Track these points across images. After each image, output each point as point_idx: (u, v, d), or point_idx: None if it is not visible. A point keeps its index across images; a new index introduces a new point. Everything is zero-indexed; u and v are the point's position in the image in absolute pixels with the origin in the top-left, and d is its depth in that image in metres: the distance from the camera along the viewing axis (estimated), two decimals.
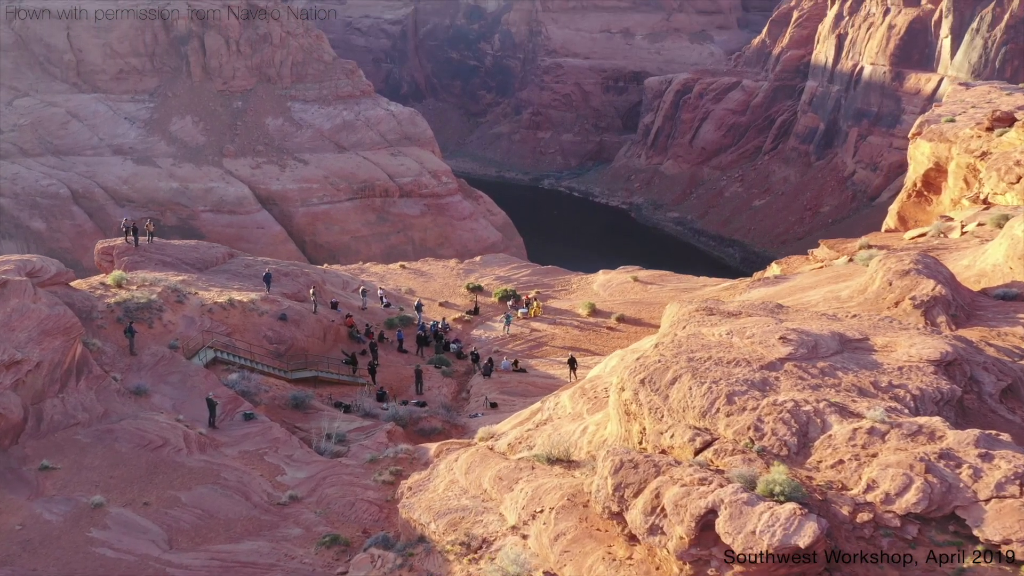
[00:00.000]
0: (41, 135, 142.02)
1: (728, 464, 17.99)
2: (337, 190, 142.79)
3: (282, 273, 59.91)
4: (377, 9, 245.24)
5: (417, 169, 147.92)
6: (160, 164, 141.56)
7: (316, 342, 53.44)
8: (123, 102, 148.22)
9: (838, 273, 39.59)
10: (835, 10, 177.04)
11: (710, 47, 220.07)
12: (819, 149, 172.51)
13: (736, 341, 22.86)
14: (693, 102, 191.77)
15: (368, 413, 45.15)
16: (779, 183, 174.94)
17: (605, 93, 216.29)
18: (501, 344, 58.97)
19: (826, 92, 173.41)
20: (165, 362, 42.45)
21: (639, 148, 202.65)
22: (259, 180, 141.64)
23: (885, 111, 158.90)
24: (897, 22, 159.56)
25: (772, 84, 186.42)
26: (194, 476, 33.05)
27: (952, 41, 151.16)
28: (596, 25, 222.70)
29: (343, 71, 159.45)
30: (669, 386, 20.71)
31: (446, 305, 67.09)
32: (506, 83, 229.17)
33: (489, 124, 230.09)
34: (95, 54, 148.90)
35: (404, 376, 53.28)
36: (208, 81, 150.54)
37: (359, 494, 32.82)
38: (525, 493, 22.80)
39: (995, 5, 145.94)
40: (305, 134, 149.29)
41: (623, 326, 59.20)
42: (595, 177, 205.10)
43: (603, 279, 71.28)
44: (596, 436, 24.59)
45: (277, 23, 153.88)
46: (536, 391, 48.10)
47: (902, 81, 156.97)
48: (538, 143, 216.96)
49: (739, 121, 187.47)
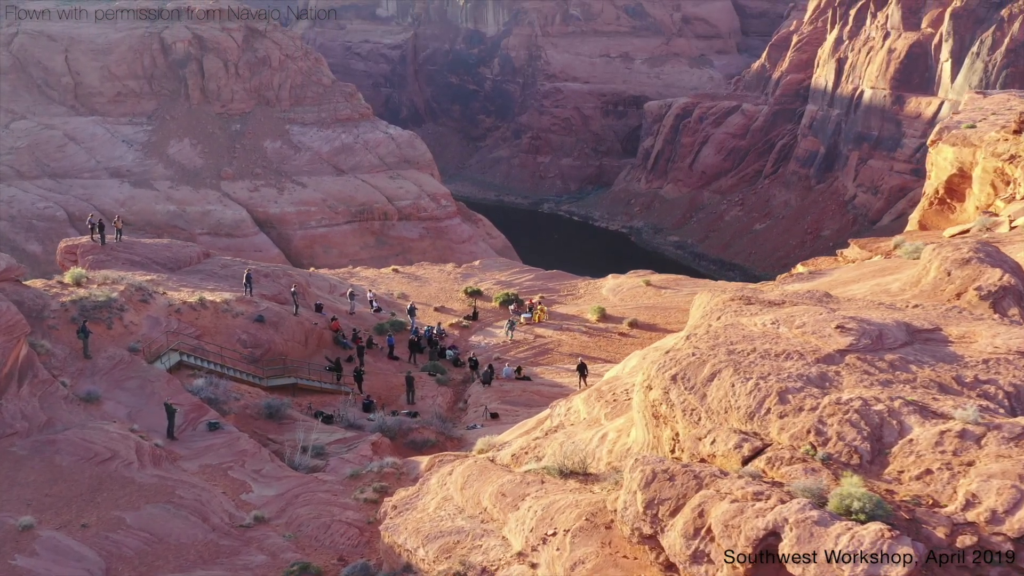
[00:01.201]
0: (38, 158, 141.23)
1: (787, 475, 14.83)
2: (335, 213, 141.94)
3: (262, 274, 56.38)
4: (377, 34, 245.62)
5: (416, 192, 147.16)
6: (158, 187, 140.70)
7: (297, 347, 49.52)
8: (121, 125, 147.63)
9: (882, 266, 36.23)
10: (835, 34, 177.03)
11: (709, 71, 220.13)
12: (819, 173, 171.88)
13: (784, 331, 19.51)
14: (693, 126, 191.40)
15: (352, 424, 41.60)
16: (780, 207, 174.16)
17: (605, 117, 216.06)
18: (503, 351, 55.37)
19: (826, 116, 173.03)
20: (123, 366, 38.55)
21: (639, 172, 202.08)
22: (257, 203, 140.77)
23: (886, 135, 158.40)
24: (897, 46, 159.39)
25: (772, 108, 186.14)
26: (144, 494, 29.16)
27: (952, 65, 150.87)
28: (595, 50, 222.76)
29: (342, 94, 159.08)
30: (707, 383, 17.44)
31: (442, 310, 63.42)
32: (505, 107, 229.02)
33: (488, 148, 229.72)
34: (93, 77, 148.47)
35: (394, 385, 49.57)
36: (206, 104, 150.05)
37: (336, 514, 29.05)
38: (534, 512, 19.69)
39: (995, 29, 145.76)
40: (303, 157, 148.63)
41: (636, 332, 55.33)
42: (595, 201, 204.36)
43: (612, 284, 67.66)
44: (618, 444, 21.49)
45: (276, 46, 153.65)
46: (542, 400, 44.34)
47: (903, 105, 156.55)
48: (538, 167, 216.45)
49: (739, 145, 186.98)
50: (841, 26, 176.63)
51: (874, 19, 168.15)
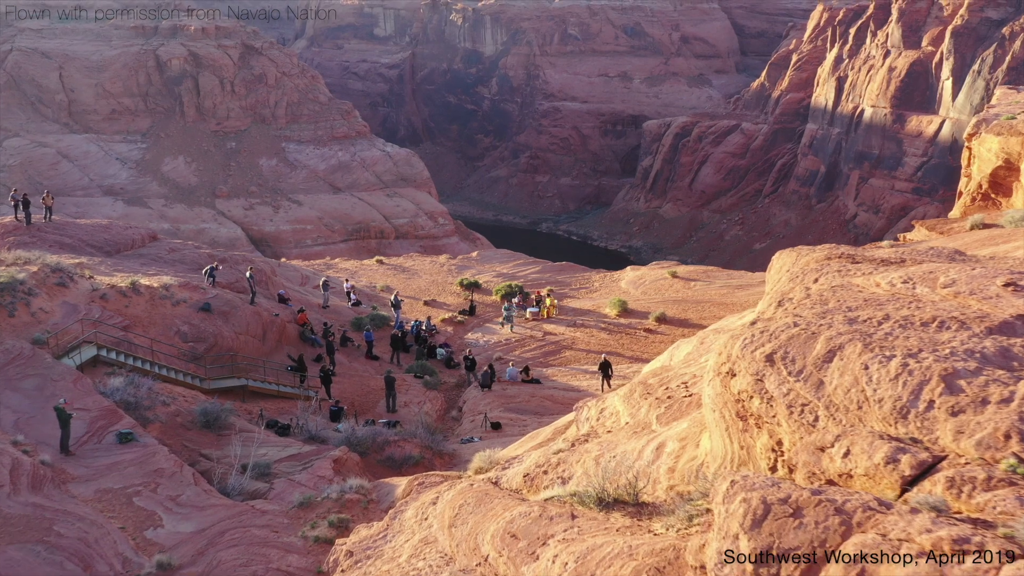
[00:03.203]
0: (31, 175, 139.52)
1: (989, 507, 9.20)
2: (331, 231, 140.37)
3: (217, 260, 49.85)
4: (374, 54, 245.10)
5: (413, 210, 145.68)
6: (151, 205, 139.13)
7: (252, 342, 42.14)
8: (115, 142, 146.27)
9: (991, 235, 29.97)
10: (835, 53, 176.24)
11: (708, 91, 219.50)
12: (820, 192, 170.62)
13: (924, 292, 14.21)
14: (692, 145, 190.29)
15: (313, 436, 34.02)
16: (780, 226, 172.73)
17: (603, 136, 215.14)
18: (505, 349, 48.68)
19: (826, 135, 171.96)
20: (21, 361, 31.54)
21: (638, 191, 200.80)
22: (252, 221, 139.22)
23: (887, 153, 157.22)
24: (898, 64, 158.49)
25: (772, 127, 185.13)
26: (9, 530, 21.15)
27: (953, 83, 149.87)
28: (594, 69, 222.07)
29: (339, 112, 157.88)
30: (822, 365, 11.99)
31: (433, 304, 56.11)
32: (504, 127, 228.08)
33: (487, 168, 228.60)
34: (87, 94, 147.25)
35: (371, 389, 42.80)
36: (202, 121, 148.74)
37: (273, 560, 21.11)
38: (563, 565, 12.64)
39: (996, 47, 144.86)
40: (299, 175, 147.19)
41: (665, 327, 48.72)
42: (594, 220, 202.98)
43: (632, 276, 61.64)
44: (683, 459, 15.33)
45: (272, 63, 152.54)
46: (556, 407, 37.95)
47: (903, 123, 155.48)
48: (536, 186, 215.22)
49: (739, 164, 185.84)
50: (841, 45, 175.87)
51: (874, 37, 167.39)
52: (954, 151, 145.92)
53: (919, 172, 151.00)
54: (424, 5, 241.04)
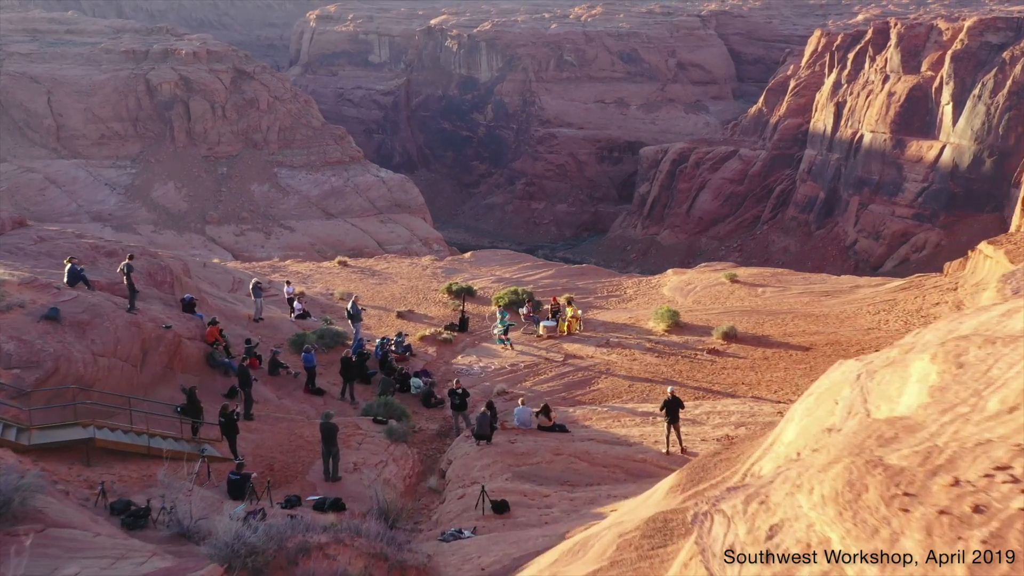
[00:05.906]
0: (18, 201, 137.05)
1: None
2: (324, 257, 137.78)
3: (103, 252, 36.98)
4: (369, 80, 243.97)
5: (407, 236, 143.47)
6: (140, 231, 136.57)
7: (121, 368, 28.84)
8: (104, 168, 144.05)
9: None
10: (833, 78, 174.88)
11: (705, 117, 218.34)
12: (819, 218, 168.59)
13: None
14: (690, 171, 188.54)
15: (183, 532, 19.48)
16: (779, 253, 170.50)
17: (600, 163, 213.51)
18: (511, 379, 35.54)
19: (825, 160, 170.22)
20: None
21: (635, 218, 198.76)
22: (243, 247, 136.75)
23: (886, 179, 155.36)
24: (897, 89, 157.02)
25: (770, 153, 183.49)
26: None
27: (954, 108, 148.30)
28: (590, 95, 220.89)
29: (332, 137, 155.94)
30: None
31: (409, 317, 43.64)
32: (499, 153, 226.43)
33: (482, 194, 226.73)
34: (76, 119, 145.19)
35: (307, 442, 28.47)
36: (192, 146, 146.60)
37: None
38: None
39: (997, 71, 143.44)
40: (291, 200, 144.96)
41: (736, 347, 37.28)
42: (590, 247, 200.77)
43: (677, 281, 50.72)
44: None
45: (264, 88, 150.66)
46: (597, 472, 25.36)
47: (903, 148, 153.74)
48: (532, 213, 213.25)
49: (737, 190, 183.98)
50: (839, 70, 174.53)
51: (873, 63, 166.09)
52: (955, 176, 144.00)
53: (920, 198, 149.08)
54: (419, 32, 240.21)
